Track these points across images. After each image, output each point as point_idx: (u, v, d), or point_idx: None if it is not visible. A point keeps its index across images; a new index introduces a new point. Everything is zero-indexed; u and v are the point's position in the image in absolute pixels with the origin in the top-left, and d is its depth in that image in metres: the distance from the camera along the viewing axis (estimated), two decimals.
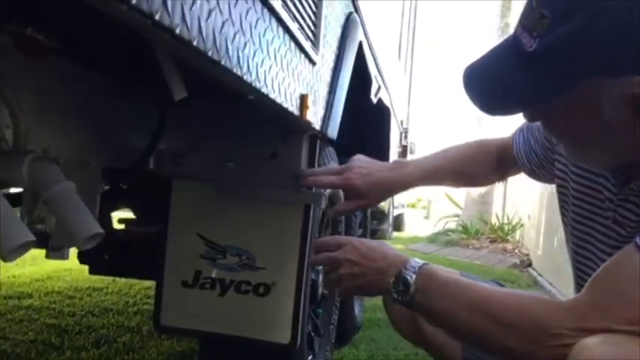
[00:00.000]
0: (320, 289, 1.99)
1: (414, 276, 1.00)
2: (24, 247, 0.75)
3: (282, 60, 1.01)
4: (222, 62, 0.72)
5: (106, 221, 1.91)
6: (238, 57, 0.77)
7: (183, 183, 1.49)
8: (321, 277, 1.99)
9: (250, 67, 0.83)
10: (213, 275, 1.47)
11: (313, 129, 1.36)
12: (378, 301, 3.72)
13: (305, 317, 1.52)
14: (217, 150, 1.43)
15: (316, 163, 1.49)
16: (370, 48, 2.20)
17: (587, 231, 1.06)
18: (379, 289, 1.07)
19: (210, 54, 0.67)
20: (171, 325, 1.49)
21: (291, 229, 1.45)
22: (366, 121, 2.68)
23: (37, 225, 1.03)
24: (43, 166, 0.90)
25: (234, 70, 0.77)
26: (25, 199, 1.01)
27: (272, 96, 0.97)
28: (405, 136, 5.12)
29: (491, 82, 0.88)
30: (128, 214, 2.16)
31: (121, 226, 2.06)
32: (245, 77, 0.81)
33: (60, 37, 0.88)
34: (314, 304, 1.98)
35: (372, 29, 2.22)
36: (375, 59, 2.38)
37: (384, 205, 4.90)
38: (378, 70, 2.57)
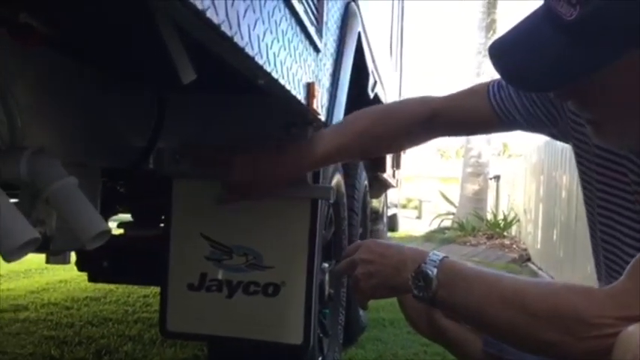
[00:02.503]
0: (327, 289, 1.94)
1: (435, 270, 0.94)
2: (27, 246, 0.69)
3: (289, 44, 0.96)
4: (235, 39, 0.67)
5: None
6: (249, 35, 0.73)
7: (184, 182, 1.43)
8: (327, 276, 1.95)
9: (261, 48, 0.78)
10: (220, 277, 1.41)
11: (319, 120, 1.31)
12: (381, 301, 3.69)
13: (316, 317, 1.47)
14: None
15: None
16: (368, 41, 2.15)
17: (611, 215, 1.02)
18: (398, 287, 1.01)
19: (222, 28, 0.63)
20: (179, 330, 1.43)
21: (299, 225, 1.40)
22: None
23: (36, 228, 0.97)
24: (44, 161, 0.84)
25: (246, 50, 0.72)
26: (21, 200, 0.95)
27: (282, 81, 0.92)
28: None
29: (526, 58, 0.81)
30: (125, 217, 2.10)
31: (120, 231, 2.00)
32: (256, 58, 0.77)
33: (55, 24, 0.83)
34: (321, 304, 1.92)
35: (368, 22, 2.17)
36: (371, 53, 2.33)
37: (377, 204, 4.86)
38: (375, 65, 2.52)
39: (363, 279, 1.02)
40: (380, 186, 4.16)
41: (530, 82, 0.85)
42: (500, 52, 0.85)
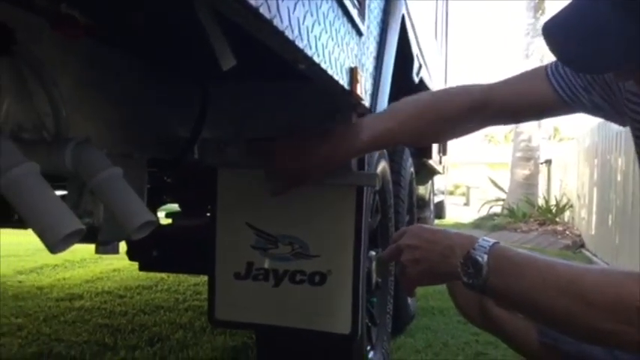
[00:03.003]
0: (374, 278, 1.92)
1: (485, 256, 0.90)
2: (72, 237, 0.69)
3: (331, 27, 0.94)
4: (274, 22, 0.65)
5: None
6: (289, 18, 0.70)
7: (229, 172, 1.43)
8: (374, 264, 1.92)
9: (302, 32, 0.76)
10: (266, 266, 1.41)
11: (363, 106, 1.28)
12: (430, 288, 3.65)
13: (364, 306, 1.45)
14: (263, 135, 1.37)
15: None
16: (412, 24, 2.10)
17: None
18: (446, 274, 0.97)
19: (261, 11, 0.61)
20: (227, 319, 1.43)
21: (344, 213, 1.37)
22: None
23: (84, 219, 0.98)
24: (88, 153, 0.84)
25: (286, 33, 0.70)
26: (69, 191, 0.97)
27: (323, 66, 0.89)
28: None
29: (584, 38, 0.77)
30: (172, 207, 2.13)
31: (168, 221, 2.02)
32: (297, 42, 0.74)
33: (96, 14, 0.83)
34: (369, 293, 1.90)
35: (412, 4, 2.12)
36: (416, 36, 2.28)
37: (424, 191, 4.79)
38: (419, 48, 2.47)
39: (409, 265, 0.99)
40: (426, 173, 4.10)
41: (590, 63, 0.80)
42: (556, 33, 0.80)
